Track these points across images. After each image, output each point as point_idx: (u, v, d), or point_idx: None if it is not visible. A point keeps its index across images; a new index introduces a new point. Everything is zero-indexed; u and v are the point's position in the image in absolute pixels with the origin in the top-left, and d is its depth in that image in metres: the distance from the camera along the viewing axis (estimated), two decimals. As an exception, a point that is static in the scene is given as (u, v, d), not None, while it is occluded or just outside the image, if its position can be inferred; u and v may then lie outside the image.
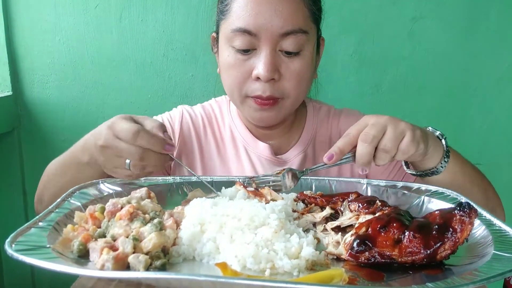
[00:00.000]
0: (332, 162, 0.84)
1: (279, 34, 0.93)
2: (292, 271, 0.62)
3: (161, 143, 0.84)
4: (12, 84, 1.75)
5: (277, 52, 0.96)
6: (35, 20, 1.71)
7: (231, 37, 0.96)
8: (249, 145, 1.13)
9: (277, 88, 0.98)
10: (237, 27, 0.94)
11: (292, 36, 0.94)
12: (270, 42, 0.94)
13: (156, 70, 1.73)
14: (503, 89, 1.76)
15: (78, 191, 0.82)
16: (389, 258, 0.63)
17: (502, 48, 1.72)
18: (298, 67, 0.97)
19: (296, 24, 0.94)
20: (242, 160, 1.13)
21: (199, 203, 0.76)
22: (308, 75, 1.01)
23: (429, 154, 0.89)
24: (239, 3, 0.95)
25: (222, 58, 1.01)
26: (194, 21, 1.71)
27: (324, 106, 1.22)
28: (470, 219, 0.62)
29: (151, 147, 0.83)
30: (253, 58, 0.96)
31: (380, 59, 1.74)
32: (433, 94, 1.77)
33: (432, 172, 0.92)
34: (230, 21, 0.96)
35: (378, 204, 0.75)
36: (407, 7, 1.69)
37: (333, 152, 0.83)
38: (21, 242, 0.60)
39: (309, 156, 1.14)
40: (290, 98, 1.01)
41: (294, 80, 0.98)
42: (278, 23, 0.92)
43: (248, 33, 0.94)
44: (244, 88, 0.99)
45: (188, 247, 0.66)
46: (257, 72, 0.95)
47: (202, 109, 1.21)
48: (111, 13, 1.70)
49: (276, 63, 0.96)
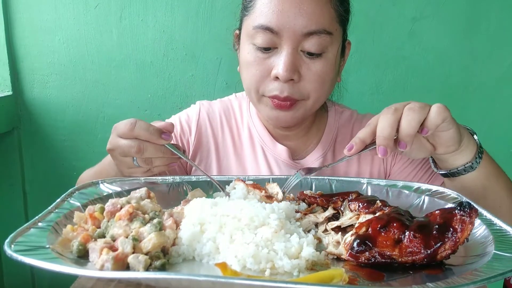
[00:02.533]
0: (352, 153, 0.80)
1: (301, 34, 0.90)
2: (292, 271, 0.62)
3: (157, 132, 0.83)
4: (12, 84, 1.75)
5: (299, 53, 0.93)
6: (35, 20, 1.71)
7: (253, 34, 0.94)
8: (267, 146, 1.10)
9: (296, 89, 0.94)
10: (259, 24, 0.92)
11: (316, 36, 0.91)
12: (292, 41, 0.91)
13: (156, 70, 1.73)
14: (503, 89, 1.75)
15: (77, 191, 0.81)
16: (389, 258, 0.63)
17: (502, 48, 1.72)
18: (320, 69, 0.94)
19: (320, 24, 0.91)
20: (259, 161, 1.10)
21: (199, 203, 0.75)
22: (330, 78, 0.97)
23: (463, 147, 0.84)
24: (263, 0, 0.92)
25: (242, 55, 0.99)
26: (194, 21, 1.71)
27: (347, 110, 1.18)
28: (470, 218, 0.62)
29: (148, 138, 0.83)
30: (273, 57, 0.94)
31: (380, 59, 1.74)
32: (433, 94, 1.76)
33: (465, 169, 0.86)
34: (253, 17, 0.94)
35: (379, 204, 0.75)
36: (407, 7, 1.69)
37: (353, 143, 0.80)
38: (21, 242, 0.60)
39: (328, 161, 1.10)
40: (309, 101, 0.97)
41: (314, 82, 0.94)
42: (302, 22, 0.89)
43: (270, 30, 0.91)
44: (262, 87, 0.96)
45: (188, 247, 0.66)
46: (276, 71, 0.92)
47: (221, 105, 1.18)
48: (111, 13, 1.70)
49: (297, 63, 0.93)
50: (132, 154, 0.84)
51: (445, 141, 0.83)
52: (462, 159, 0.86)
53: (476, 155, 0.87)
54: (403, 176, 1.07)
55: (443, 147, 0.84)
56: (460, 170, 0.87)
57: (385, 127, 0.77)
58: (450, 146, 0.84)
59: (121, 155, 0.86)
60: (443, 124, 0.79)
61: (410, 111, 0.78)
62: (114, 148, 0.86)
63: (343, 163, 1.09)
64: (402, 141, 0.78)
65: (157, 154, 0.85)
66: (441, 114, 0.78)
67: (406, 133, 0.77)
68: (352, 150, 0.80)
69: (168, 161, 0.88)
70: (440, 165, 0.92)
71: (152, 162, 0.86)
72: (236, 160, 1.11)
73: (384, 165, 1.10)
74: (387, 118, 0.78)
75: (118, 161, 0.89)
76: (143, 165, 0.86)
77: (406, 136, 0.78)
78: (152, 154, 0.85)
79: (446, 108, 0.79)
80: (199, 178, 0.95)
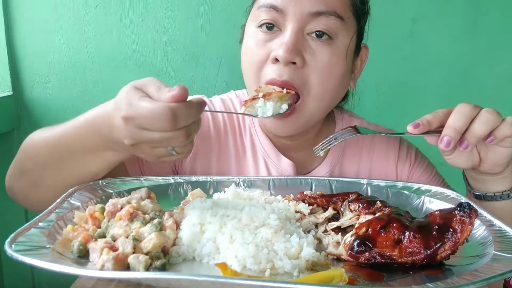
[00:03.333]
0: (416, 132, 0.76)
1: (309, 13, 0.83)
2: (292, 272, 0.62)
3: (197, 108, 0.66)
4: (12, 84, 1.75)
5: (304, 36, 0.85)
6: (35, 20, 1.71)
7: (257, 15, 0.87)
8: (270, 158, 1.01)
9: (299, 75, 0.85)
10: (264, 3, 0.85)
11: (324, 17, 0.83)
12: (297, 20, 0.83)
13: (156, 70, 1.74)
14: (503, 89, 1.76)
15: (78, 191, 0.81)
16: (389, 258, 0.63)
17: (502, 48, 1.72)
18: (326, 58, 0.85)
19: (330, 5, 0.83)
20: (261, 173, 1.02)
21: (199, 203, 0.75)
22: (339, 73, 0.88)
23: (506, 172, 0.81)
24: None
25: (244, 42, 0.92)
26: (194, 21, 1.71)
27: (356, 119, 1.10)
28: (470, 219, 0.62)
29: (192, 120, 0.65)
30: (275, 39, 0.86)
31: (380, 59, 1.74)
32: (433, 94, 1.77)
33: (502, 196, 0.83)
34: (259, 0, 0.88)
35: (379, 205, 0.75)
36: (407, 7, 1.69)
37: (420, 122, 0.76)
38: (21, 242, 0.60)
39: (336, 171, 1.03)
40: (312, 96, 0.87)
41: (319, 71, 0.85)
42: (310, 0, 0.82)
43: (274, 9, 0.84)
44: (261, 73, 0.87)
45: (188, 247, 0.66)
46: (275, 52, 0.84)
47: (222, 103, 1.07)
48: (111, 13, 1.70)
49: (300, 46, 0.84)
50: (177, 144, 0.66)
51: (497, 158, 0.79)
52: (501, 184, 0.83)
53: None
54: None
55: (490, 164, 0.80)
56: (496, 195, 0.84)
57: (459, 119, 0.75)
58: (498, 166, 0.80)
59: (153, 148, 0.68)
60: (509, 138, 0.76)
61: (488, 114, 0.75)
62: (140, 142, 0.67)
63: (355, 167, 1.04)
64: (466, 141, 0.75)
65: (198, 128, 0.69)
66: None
67: (475, 134, 0.75)
68: (417, 129, 0.76)
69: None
70: (473, 185, 0.88)
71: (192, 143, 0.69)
72: (237, 169, 1.02)
73: (398, 175, 1.06)
74: (465, 112, 0.75)
75: (146, 154, 0.71)
76: (182, 151, 0.69)
77: (473, 136, 0.75)
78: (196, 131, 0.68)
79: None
80: (199, 178, 0.95)
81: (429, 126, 0.77)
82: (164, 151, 0.69)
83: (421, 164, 1.08)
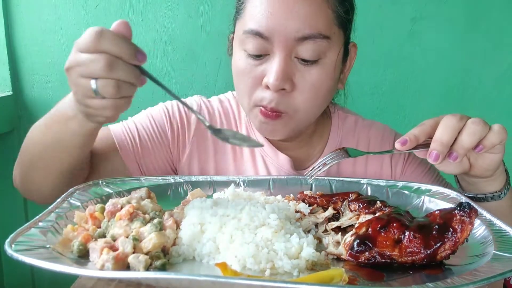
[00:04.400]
0: (404, 149, 0.77)
1: (294, 38, 0.83)
2: (292, 271, 0.62)
3: (132, 48, 0.65)
4: (12, 84, 1.75)
5: (293, 59, 0.85)
6: (35, 20, 1.71)
7: (243, 40, 0.87)
8: (268, 155, 1.03)
9: (286, 100, 0.87)
10: (249, 29, 0.85)
11: (310, 41, 0.83)
12: (284, 47, 0.83)
13: (156, 70, 1.74)
14: (502, 89, 1.76)
15: (78, 191, 0.82)
16: (389, 258, 0.63)
17: (502, 48, 1.72)
18: (315, 78, 0.86)
19: (315, 27, 0.83)
20: (259, 170, 1.04)
21: (199, 203, 0.76)
22: (327, 87, 0.90)
23: (497, 174, 0.83)
24: (253, 2, 0.85)
25: (234, 61, 0.93)
26: (194, 21, 1.71)
27: (351, 116, 1.12)
28: (470, 219, 0.62)
29: (119, 53, 0.64)
30: (265, 64, 0.87)
31: (380, 59, 1.74)
32: (433, 94, 1.77)
33: (493, 197, 0.85)
34: (243, 21, 0.88)
35: (379, 205, 0.75)
36: (407, 7, 1.69)
37: (408, 138, 0.77)
38: (21, 242, 0.60)
39: (333, 170, 1.05)
40: (300, 112, 0.90)
41: (308, 92, 0.87)
42: (294, 26, 0.82)
43: (260, 36, 0.84)
44: (254, 96, 0.90)
45: (188, 247, 0.66)
46: (266, 80, 0.85)
47: (220, 104, 1.09)
48: (112, 13, 1.70)
49: (290, 71, 0.85)
50: (96, 72, 0.64)
51: (487, 164, 0.80)
52: (492, 186, 0.85)
53: (506, 185, 0.85)
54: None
55: (481, 169, 0.81)
56: (487, 196, 0.85)
57: (446, 133, 0.75)
58: (489, 170, 0.81)
59: (81, 76, 0.66)
60: (498, 146, 0.77)
61: (474, 125, 0.75)
62: (72, 65, 0.67)
63: (350, 166, 1.05)
64: (455, 152, 0.76)
65: (129, 78, 0.66)
66: (500, 135, 0.76)
67: (464, 146, 0.75)
68: (405, 146, 0.77)
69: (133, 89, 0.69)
70: (465, 187, 0.89)
71: (118, 90, 0.65)
72: (235, 167, 1.04)
73: (392, 177, 1.07)
74: (451, 125, 0.75)
75: (74, 85, 0.69)
76: (106, 93, 0.65)
77: (461, 148, 0.75)
78: (123, 75, 0.65)
79: (505, 130, 0.77)
80: (199, 178, 0.95)
81: (417, 141, 0.77)
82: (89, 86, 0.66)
83: (415, 159, 1.08)
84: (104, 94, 0.66)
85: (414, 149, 0.78)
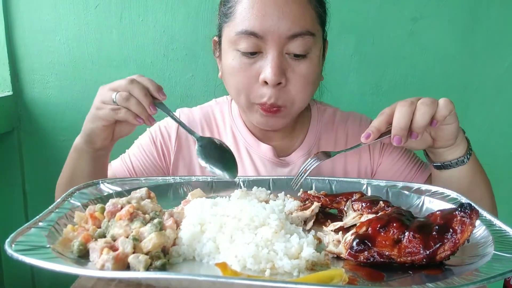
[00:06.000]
0: (369, 141, 0.88)
1: (286, 37, 0.91)
2: (292, 271, 0.62)
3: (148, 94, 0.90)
4: (12, 84, 1.75)
5: (284, 55, 0.94)
6: (35, 20, 1.71)
7: (236, 40, 0.94)
8: (251, 146, 1.12)
9: (283, 94, 0.95)
10: (243, 30, 0.92)
11: (300, 38, 0.92)
12: (277, 44, 0.91)
13: (156, 70, 1.73)
14: (503, 89, 1.76)
15: (78, 191, 0.82)
16: (388, 258, 0.63)
17: (502, 48, 1.72)
18: (305, 71, 0.95)
19: (303, 26, 0.92)
20: (244, 161, 1.12)
21: (199, 203, 0.76)
22: (315, 78, 0.99)
23: (458, 141, 0.92)
24: (244, 5, 0.92)
25: (226, 62, 0.98)
26: (194, 21, 1.71)
27: (329, 108, 1.20)
28: (471, 220, 0.62)
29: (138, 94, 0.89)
30: (259, 62, 0.94)
31: (380, 59, 1.74)
32: (433, 94, 1.75)
33: (457, 162, 0.94)
34: (235, 23, 0.94)
35: (382, 205, 0.75)
36: (407, 7, 1.69)
37: (370, 131, 0.87)
38: (21, 242, 0.60)
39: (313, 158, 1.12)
40: (296, 104, 0.99)
41: (300, 84, 0.95)
42: (285, 25, 0.90)
43: (254, 35, 0.91)
44: (252, 93, 0.96)
45: (188, 247, 0.66)
46: (264, 76, 0.93)
47: (201, 112, 1.19)
48: (111, 13, 1.70)
49: (283, 66, 0.93)
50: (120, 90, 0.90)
51: (446, 134, 0.90)
52: (455, 153, 0.94)
53: (467, 151, 0.95)
54: (390, 174, 1.11)
55: (443, 140, 0.92)
56: (453, 163, 0.95)
57: (402, 118, 0.85)
58: (449, 140, 0.91)
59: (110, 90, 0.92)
60: (449, 116, 0.86)
61: (423, 105, 0.85)
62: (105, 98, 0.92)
63: (330, 161, 1.10)
64: (415, 132, 0.86)
65: (140, 94, 0.89)
66: (448, 106, 0.86)
67: (420, 125, 0.85)
68: (369, 138, 0.87)
69: (141, 110, 0.89)
70: (433, 158, 0.99)
71: (129, 100, 0.88)
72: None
73: (371, 164, 1.13)
74: (405, 110, 0.85)
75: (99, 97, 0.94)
76: (121, 101, 0.88)
77: (419, 128, 0.85)
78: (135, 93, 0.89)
79: (451, 102, 0.87)
80: (199, 178, 0.96)
81: (379, 132, 0.88)
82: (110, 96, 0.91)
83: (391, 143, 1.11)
84: (118, 102, 0.90)
85: (380, 137, 0.88)
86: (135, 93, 0.89)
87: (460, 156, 0.94)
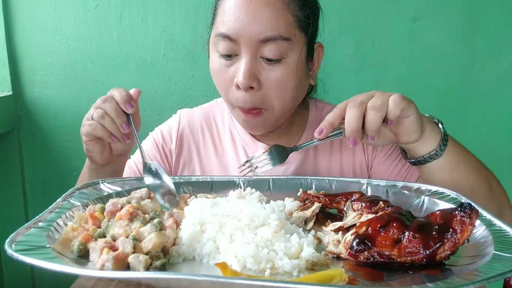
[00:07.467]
0: (322, 136, 0.87)
1: (258, 40, 0.91)
2: (292, 271, 0.62)
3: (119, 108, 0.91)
4: (12, 84, 1.76)
5: (258, 60, 0.93)
6: (35, 20, 1.72)
7: (215, 42, 0.96)
8: (248, 145, 1.13)
9: (259, 98, 0.95)
10: (219, 32, 0.94)
11: (272, 43, 0.91)
12: (250, 48, 0.92)
13: (156, 70, 1.74)
14: (503, 88, 1.76)
15: (78, 191, 0.82)
16: (388, 258, 0.63)
17: (502, 48, 1.72)
18: (279, 76, 0.94)
19: (276, 30, 0.91)
20: (241, 159, 1.12)
21: (199, 203, 0.76)
22: (293, 84, 0.97)
23: (426, 135, 0.89)
24: (223, 8, 0.95)
25: (210, 63, 1.02)
26: (194, 21, 1.71)
27: (328, 106, 1.19)
28: (471, 220, 0.62)
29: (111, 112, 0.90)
30: (235, 65, 0.95)
31: (380, 59, 1.75)
32: (433, 94, 1.77)
33: (430, 156, 0.91)
34: (216, 26, 0.97)
35: (381, 205, 0.75)
36: (407, 7, 1.69)
37: (323, 127, 0.86)
38: (21, 242, 0.60)
39: (310, 157, 1.12)
40: (276, 108, 0.98)
41: (275, 89, 0.95)
42: (257, 29, 0.90)
43: (228, 38, 0.92)
44: (229, 96, 0.98)
45: (188, 247, 0.66)
46: (236, 79, 0.94)
47: (201, 112, 1.20)
48: (111, 13, 1.70)
49: (256, 70, 0.93)
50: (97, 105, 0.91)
51: (406, 128, 0.87)
52: (427, 147, 0.91)
53: (440, 143, 0.91)
54: (384, 167, 1.10)
55: (405, 134, 0.89)
56: (426, 158, 0.92)
57: (351, 121, 0.83)
58: (412, 133, 0.88)
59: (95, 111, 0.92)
60: (402, 113, 0.84)
61: (372, 110, 0.83)
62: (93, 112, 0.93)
63: (327, 155, 1.12)
64: (370, 133, 0.85)
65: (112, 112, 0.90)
66: (399, 105, 0.83)
67: (371, 129, 0.84)
68: (322, 134, 0.86)
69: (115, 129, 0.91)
70: (408, 154, 0.97)
71: (104, 118, 0.90)
72: (217, 161, 1.13)
73: (366, 158, 1.13)
74: (353, 113, 0.83)
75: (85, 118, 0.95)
76: (97, 118, 0.90)
77: (373, 129, 0.84)
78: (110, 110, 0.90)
79: (403, 98, 0.84)
80: (199, 178, 0.96)
81: (332, 126, 0.87)
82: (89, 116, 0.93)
83: None
84: (96, 119, 0.91)
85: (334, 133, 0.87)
86: (107, 111, 0.90)
87: (432, 150, 0.90)
